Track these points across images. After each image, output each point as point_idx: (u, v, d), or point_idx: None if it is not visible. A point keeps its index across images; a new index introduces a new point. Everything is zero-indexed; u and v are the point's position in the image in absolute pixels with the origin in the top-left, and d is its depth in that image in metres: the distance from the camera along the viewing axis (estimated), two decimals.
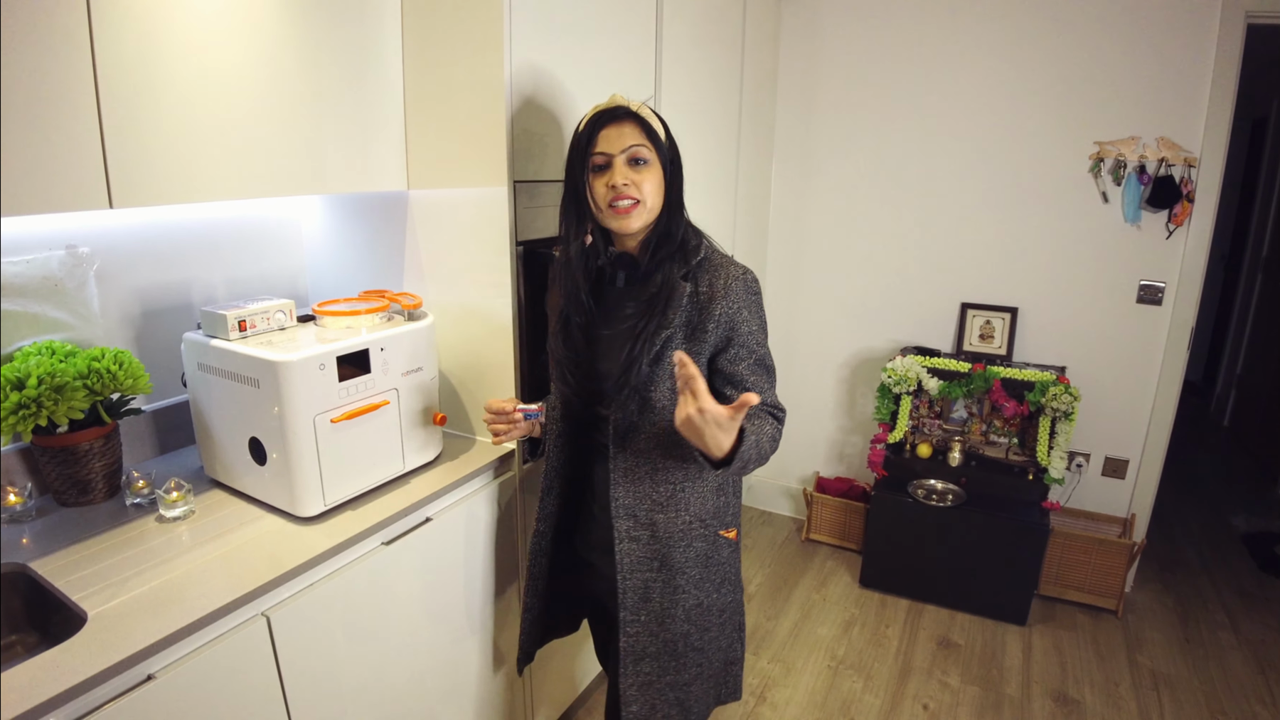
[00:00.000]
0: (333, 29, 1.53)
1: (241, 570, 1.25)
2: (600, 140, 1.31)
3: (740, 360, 1.33)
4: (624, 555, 1.38)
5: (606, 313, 1.41)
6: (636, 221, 1.33)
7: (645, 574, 1.38)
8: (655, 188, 1.33)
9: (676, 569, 1.39)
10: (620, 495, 1.37)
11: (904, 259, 3.15)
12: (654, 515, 1.37)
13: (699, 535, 1.41)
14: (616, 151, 1.30)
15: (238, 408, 1.44)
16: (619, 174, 1.30)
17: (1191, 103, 2.61)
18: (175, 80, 1.29)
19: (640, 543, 1.38)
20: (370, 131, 1.64)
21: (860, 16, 3.02)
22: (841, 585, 3.06)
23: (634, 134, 1.31)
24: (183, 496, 1.45)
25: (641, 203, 1.31)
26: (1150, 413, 2.89)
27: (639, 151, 1.31)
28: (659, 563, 1.38)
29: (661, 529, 1.38)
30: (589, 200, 1.34)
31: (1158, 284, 2.77)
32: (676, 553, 1.38)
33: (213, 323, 1.46)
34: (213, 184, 1.39)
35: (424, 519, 1.54)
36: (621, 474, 1.37)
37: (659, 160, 1.33)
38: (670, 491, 1.38)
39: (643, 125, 1.32)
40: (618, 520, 1.37)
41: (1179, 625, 2.83)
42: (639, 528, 1.38)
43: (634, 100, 1.35)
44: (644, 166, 1.31)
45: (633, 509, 1.37)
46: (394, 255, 1.79)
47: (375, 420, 1.48)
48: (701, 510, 1.40)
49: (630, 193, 1.30)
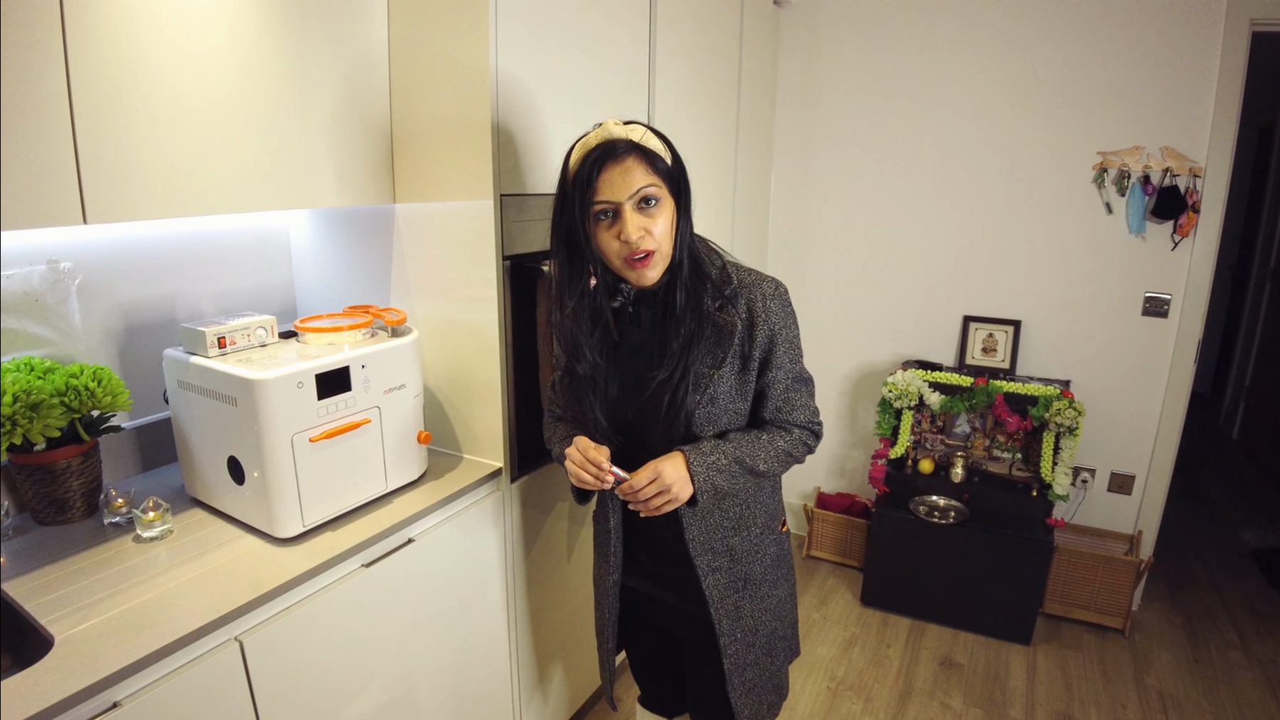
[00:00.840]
0: (318, 39, 1.51)
1: (216, 593, 1.22)
2: (602, 186, 1.17)
3: (779, 382, 1.31)
4: (711, 588, 1.37)
5: (628, 355, 1.32)
6: (656, 271, 1.22)
7: (733, 597, 1.39)
8: (669, 224, 1.21)
9: (758, 581, 1.41)
10: (695, 534, 1.35)
11: (905, 271, 3.11)
12: (729, 541, 1.38)
13: (770, 541, 1.43)
14: (624, 198, 1.17)
15: (216, 426, 1.41)
16: (631, 225, 1.17)
17: (1196, 112, 2.57)
18: (153, 93, 1.27)
19: (722, 571, 1.38)
20: (357, 145, 1.62)
21: (860, 25, 2.99)
22: (842, 603, 3.01)
23: (641, 172, 1.17)
24: (160, 516, 1.42)
25: (658, 251, 1.20)
26: (1157, 427, 2.84)
27: (649, 192, 1.18)
28: (742, 582, 1.40)
29: (739, 551, 1.39)
30: (593, 251, 1.23)
31: (1163, 296, 2.73)
32: (756, 567, 1.41)
33: (192, 339, 1.43)
34: (193, 199, 1.36)
35: (406, 540, 1.51)
36: (690, 515, 1.34)
37: (669, 191, 1.21)
38: (739, 513, 1.38)
39: (647, 157, 1.18)
40: (697, 557, 1.36)
41: (1188, 645, 2.77)
42: (718, 558, 1.37)
43: (631, 126, 1.21)
44: (655, 206, 1.19)
45: (709, 543, 1.36)
46: (381, 270, 1.77)
47: (356, 439, 1.45)
48: (765, 519, 1.42)
49: (646, 245, 1.18)
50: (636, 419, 1.32)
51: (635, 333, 1.33)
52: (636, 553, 1.46)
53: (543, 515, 1.89)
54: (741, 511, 1.38)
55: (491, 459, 1.73)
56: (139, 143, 1.26)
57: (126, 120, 1.24)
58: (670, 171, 1.22)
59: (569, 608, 2.05)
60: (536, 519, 1.87)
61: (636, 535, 1.45)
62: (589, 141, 1.20)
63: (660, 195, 1.20)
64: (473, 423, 1.73)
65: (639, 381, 1.31)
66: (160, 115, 1.28)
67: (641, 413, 1.31)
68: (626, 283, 1.29)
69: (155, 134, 1.28)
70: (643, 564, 1.47)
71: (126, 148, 1.24)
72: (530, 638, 1.91)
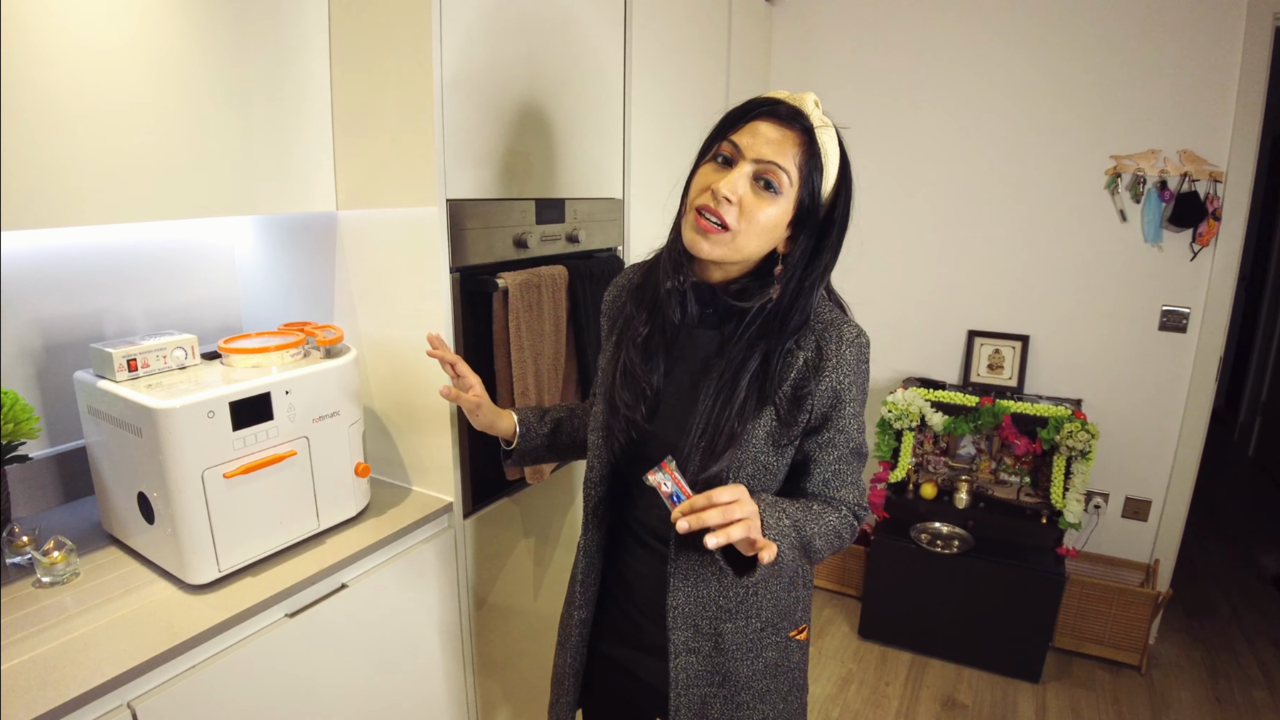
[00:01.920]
0: (252, 35, 1.36)
1: (111, 649, 1.06)
2: (745, 130, 1.00)
3: (834, 447, 1.07)
4: (680, 670, 1.13)
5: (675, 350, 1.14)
6: (711, 250, 1.02)
7: (703, 689, 1.14)
8: (768, 224, 1.01)
9: (742, 684, 1.14)
10: (680, 602, 1.11)
11: (905, 283, 2.95)
12: (719, 625, 1.11)
13: (770, 644, 1.15)
14: (749, 156, 0.99)
15: (125, 458, 1.26)
16: (728, 181, 0.99)
17: (1216, 112, 2.41)
18: (63, 91, 1.13)
19: (700, 655, 1.13)
20: (295, 146, 1.47)
21: (858, 23, 2.84)
22: (839, 636, 2.84)
23: (789, 147, 0.99)
24: (64, 558, 1.26)
25: (733, 233, 1.00)
26: (1175, 449, 2.67)
27: (773, 173, 0.99)
28: (721, 678, 1.13)
29: (728, 640, 1.12)
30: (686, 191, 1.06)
31: (1182, 309, 2.56)
32: (743, 667, 1.13)
33: (100, 361, 1.28)
34: (111, 206, 1.22)
35: (338, 585, 1.34)
36: (683, 576, 1.10)
37: (794, 199, 1.01)
38: (742, 595, 1.11)
39: (808, 148, 1.00)
40: (674, 630, 1.12)
41: (1208, 682, 2.59)
42: (700, 639, 1.12)
43: (822, 115, 1.03)
44: (768, 195, 1.00)
45: (694, 618, 1.11)
46: (324, 284, 1.62)
47: (280, 473, 1.29)
48: (774, 613, 1.14)
49: (725, 213, 0.99)
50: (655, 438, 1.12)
51: (680, 332, 1.13)
52: (614, 602, 1.26)
53: (502, 555, 1.72)
54: (746, 595, 1.11)
55: (441, 492, 1.57)
56: (46, 145, 1.12)
57: (33, 122, 1.10)
58: (817, 188, 1.02)
59: (533, 659, 1.88)
60: (495, 560, 1.70)
61: (620, 577, 1.23)
62: (769, 93, 1.04)
63: (783, 190, 1.00)
64: (421, 451, 1.57)
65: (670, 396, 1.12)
66: (68, 115, 1.14)
67: (659, 424, 1.12)
68: (686, 268, 1.10)
69: (68, 137, 1.14)
70: (616, 620, 1.26)
71: (29, 151, 1.10)
72: (486, 695, 1.74)
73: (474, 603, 1.64)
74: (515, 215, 1.60)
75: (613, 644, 1.27)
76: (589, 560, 1.24)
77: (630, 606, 1.23)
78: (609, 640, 1.28)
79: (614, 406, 1.13)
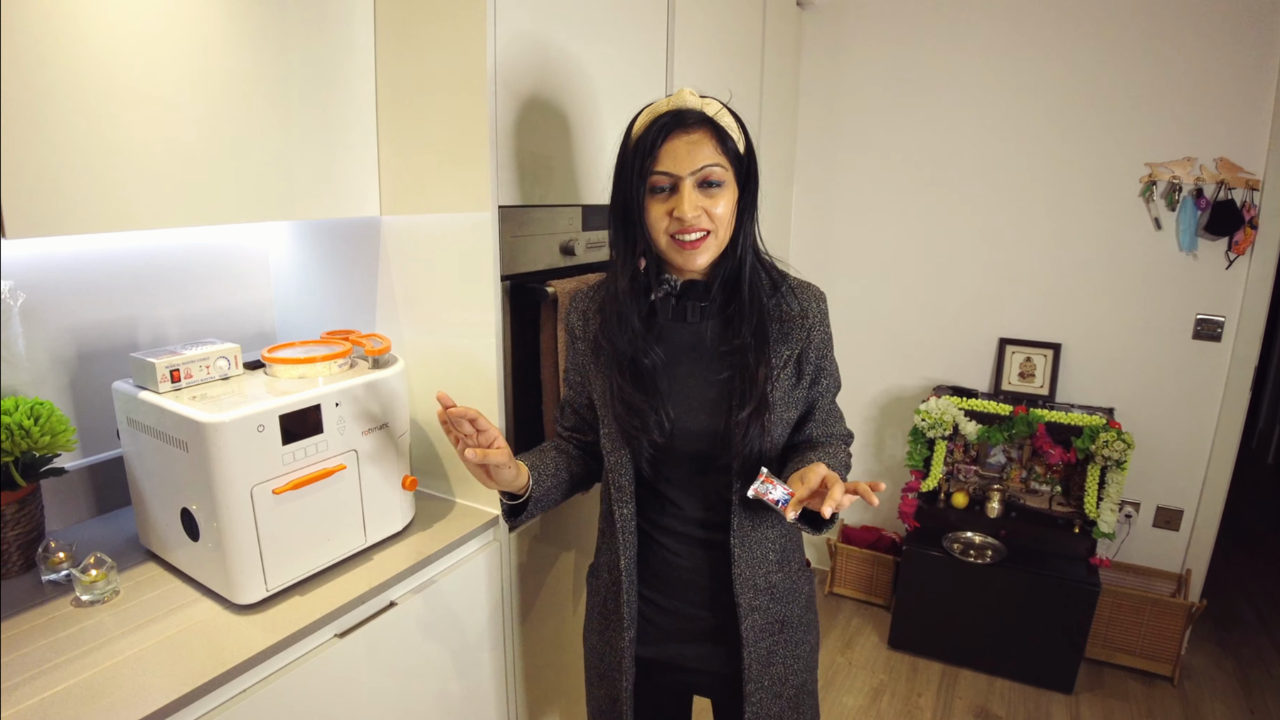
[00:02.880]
0: (296, 35, 1.32)
1: (160, 675, 1.02)
2: (664, 156, 1.08)
3: (828, 391, 1.24)
4: (749, 629, 1.21)
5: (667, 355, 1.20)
6: (705, 256, 1.12)
7: (768, 640, 1.24)
8: (729, 212, 1.12)
9: (794, 624, 1.27)
10: (742, 569, 1.20)
11: (937, 290, 2.91)
12: (771, 577, 1.23)
13: (804, 580, 1.30)
14: (686, 173, 1.08)
15: (168, 472, 1.21)
16: (688, 202, 1.08)
17: (1253, 120, 2.37)
18: (89, 87, 1.08)
19: (761, 611, 1.22)
20: (338, 148, 1.43)
21: (887, 27, 2.80)
22: (869, 646, 2.80)
23: (709, 149, 1.08)
24: (103, 575, 1.22)
25: (713, 234, 1.11)
26: (1208, 459, 2.63)
27: (713, 173, 1.09)
28: (779, 624, 1.25)
29: (780, 589, 1.24)
30: (645, 225, 1.13)
31: (1216, 318, 2.52)
32: (794, 608, 1.26)
33: (142, 371, 1.24)
34: (151, 211, 1.17)
35: (387, 604, 1.30)
36: (742, 544, 1.19)
37: (735, 178, 1.12)
38: (783, 544, 1.25)
39: (718, 135, 1.09)
40: (741, 595, 1.20)
41: (1241, 694, 2.55)
42: (759, 595, 1.22)
43: (707, 99, 1.11)
44: (718, 189, 1.10)
45: (753, 578, 1.21)
46: (366, 291, 1.57)
47: (329, 488, 1.25)
48: (800, 554, 1.31)
49: (701, 224, 1.09)
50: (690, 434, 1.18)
51: (680, 330, 1.20)
52: (649, 605, 1.28)
53: (546, 566, 1.68)
54: (785, 543, 1.24)
55: (488, 504, 1.53)
56: (71, 146, 1.07)
57: (57, 120, 1.05)
58: (740, 156, 1.13)
59: (578, 674, 1.84)
60: (539, 572, 1.66)
61: (653, 580, 1.27)
62: (658, 107, 1.12)
63: (725, 179, 1.10)
64: None
65: (685, 389, 1.19)
66: (104, 117, 1.09)
67: (690, 421, 1.17)
68: (668, 273, 1.19)
69: (95, 136, 1.09)
70: (655, 620, 1.28)
71: (53, 151, 1.05)
72: (531, 706, 1.70)
73: (519, 615, 1.60)
74: (562, 222, 1.56)
75: (652, 647, 1.29)
76: (629, 578, 1.25)
77: (673, 601, 1.27)
78: (650, 644, 1.30)
79: (628, 432, 1.18)
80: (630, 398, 1.16)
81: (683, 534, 1.23)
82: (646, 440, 1.17)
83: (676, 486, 1.22)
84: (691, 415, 1.17)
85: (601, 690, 1.33)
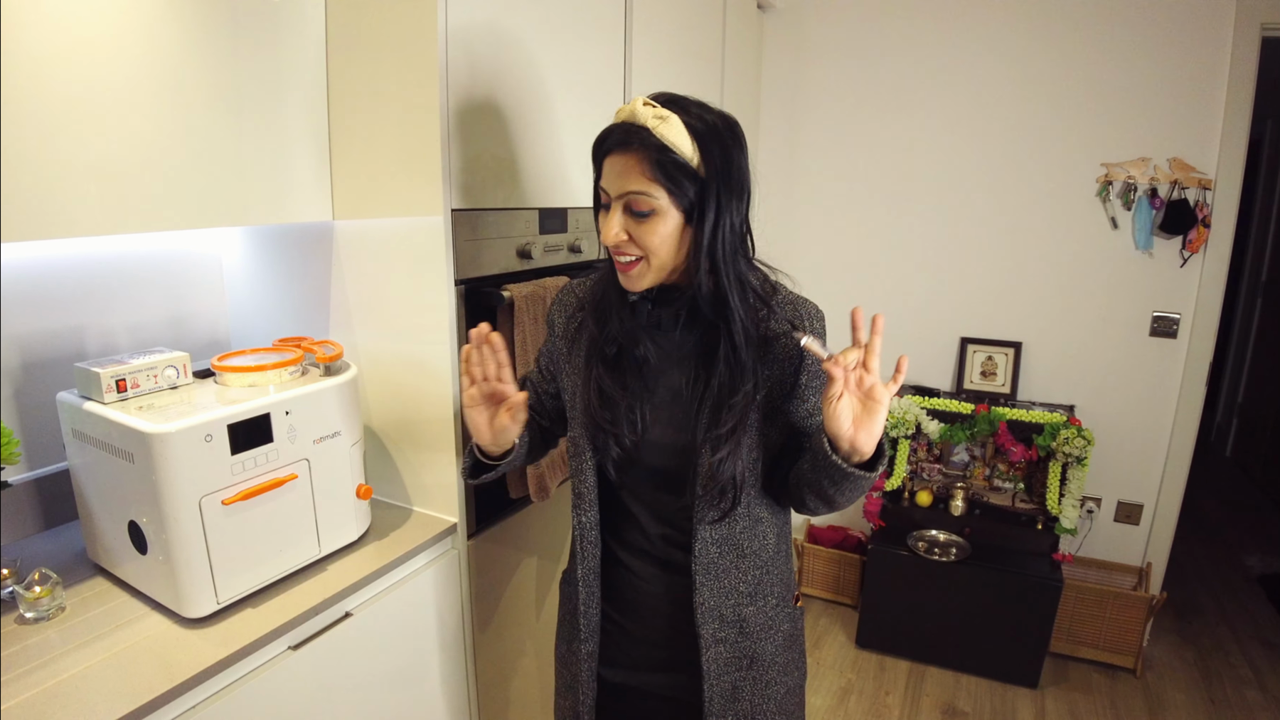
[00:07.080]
0: (244, 33, 1.30)
1: (105, 692, 1.00)
2: (605, 171, 1.02)
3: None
4: (710, 662, 1.14)
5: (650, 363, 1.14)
6: (642, 282, 1.04)
7: (734, 675, 1.16)
8: (667, 241, 1.01)
9: (767, 662, 1.17)
10: (705, 597, 1.12)
11: (897, 290, 2.94)
12: (741, 610, 1.14)
13: (785, 617, 1.20)
14: (615, 194, 1.01)
15: (114, 485, 1.19)
16: (606, 226, 1.02)
17: (1205, 121, 2.43)
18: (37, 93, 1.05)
19: (728, 644, 1.15)
20: (290, 152, 1.41)
21: (849, 29, 2.83)
22: (836, 646, 2.81)
23: (637, 174, 0.98)
24: (48, 591, 1.19)
25: (646, 260, 1.03)
26: (1166, 453, 2.68)
27: (638, 201, 0.99)
28: (748, 660, 1.16)
29: (751, 623, 1.15)
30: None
31: (1172, 315, 2.57)
32: (767, 645, 1.17)
33: (86, 381, 1.21)
34: (101, 218, 1.15)
35: (342, 614, 1.29)
36: (705, 571, 1.12)
37: (675, 206, 1.00)
38: (757, 577, 1.15)
39: (653, 159, 0.97)
40: (703, 625, 1.13)
41: (1202, 683, 2.60)
42: (725, 627, 1.14)
43: (658, 110, 0.98)
44: (646, 219, 1.00)
45: (719, 609, 1.13)
46: (320, 296, 1.55)
47: (280, 498, 1.23)
48: (782, 588, 1.19)
49: (628, 250, 1.02)
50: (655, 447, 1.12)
51: (660, 338, 1.13)
52: (615, 626, 1.23)
53: (505, 576, 1.66)
54: (760, 576, 1.15)
55: (445, 513, 1.51)
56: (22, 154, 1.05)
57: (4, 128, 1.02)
58: (684, 183, 0.99)
59: (541, 683, 1.83)
60: (499, 581, 1.64)
61: (618, 599, 1.22)
62: (616, 115, 1.03)
63: (655, 206, 0.99)
64: (422, 471, 1.52)
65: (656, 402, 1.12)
66: (54, 121, 1.07)
67: (658, 433, 1.11)
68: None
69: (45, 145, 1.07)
70: (621, 644, 1.23)
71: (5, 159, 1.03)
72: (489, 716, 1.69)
73: (477, 625, 1.59)
74: (519, 225, 1.55)
75: (620, 670, 1.24)
76: (588, 589, 1.20)
77: (635, 625, 1.21)
78: (618, 668, 1.24)
79: (598, 425, 1.11)
80: (608, 389, 1.10)
81: (645, 551, 1.18)
82: (614, 439, 1.10)
83: (639, 500, 1.17)
84: (660, 427, 1.11)
85: (566, 701, 1.30)
